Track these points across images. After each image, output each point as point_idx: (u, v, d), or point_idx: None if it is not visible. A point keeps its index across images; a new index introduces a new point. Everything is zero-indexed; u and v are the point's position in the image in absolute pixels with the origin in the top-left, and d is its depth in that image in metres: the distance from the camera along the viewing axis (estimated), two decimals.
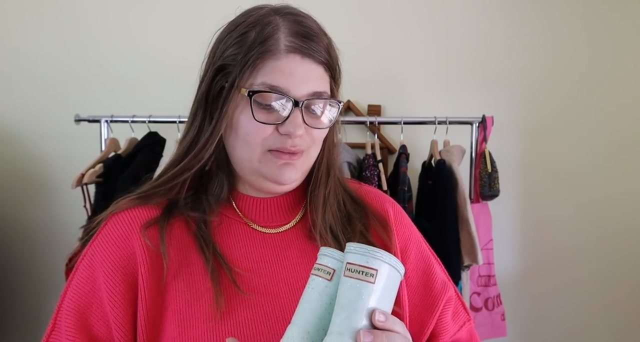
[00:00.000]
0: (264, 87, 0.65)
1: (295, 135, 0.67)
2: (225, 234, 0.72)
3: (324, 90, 0.69)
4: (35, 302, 1.98)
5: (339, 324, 0.51)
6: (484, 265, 1.69)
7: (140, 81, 1.94)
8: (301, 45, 0.66)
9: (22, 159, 1.97)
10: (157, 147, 1.68)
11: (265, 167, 0.69)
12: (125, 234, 0.69)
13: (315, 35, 0.68)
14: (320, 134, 0.71)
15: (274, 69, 0.66)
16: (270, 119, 0.67)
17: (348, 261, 0.53)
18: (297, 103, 0.66)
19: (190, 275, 0.67)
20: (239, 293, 0.66)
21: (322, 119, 0.70)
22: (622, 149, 1.96)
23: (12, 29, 1.94)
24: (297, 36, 0.67)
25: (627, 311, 1.98)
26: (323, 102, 0.69)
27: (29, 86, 1.95)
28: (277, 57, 0.66)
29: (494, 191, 1.66)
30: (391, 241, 0.76)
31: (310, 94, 0.67)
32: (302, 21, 0.69)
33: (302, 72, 0.66)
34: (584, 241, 1.97)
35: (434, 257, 0.83)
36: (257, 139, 0.68)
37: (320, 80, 0.68)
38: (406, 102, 1.95)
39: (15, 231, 1.96)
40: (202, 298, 0.65)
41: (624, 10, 1.93)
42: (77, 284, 0.68)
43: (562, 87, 1.95)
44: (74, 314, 0.66)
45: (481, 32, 1.94)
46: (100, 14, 1.94)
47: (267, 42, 0.66)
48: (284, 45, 0.66)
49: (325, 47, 0.69)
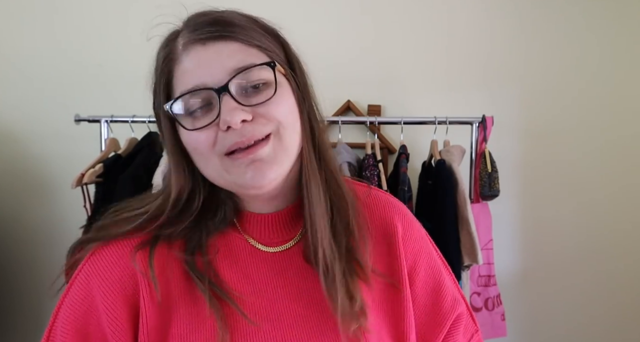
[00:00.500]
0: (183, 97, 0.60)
1: (234, 123, 0.57)
2: (223, 256, 0.68)
3: (250, 62, 0.59)
4: (35, 302, 1.98)
5: None
6: (484, 265, 1.69)
7: (140, 81, 1.92)
8: (198, 34, 0.59)
9: (22, 159, 1.97)
10: (157, 147, 1.68)
11: (234, 174, 0.61)
12: (125, 255, 0.65)
13: (216, 19, 0.61)
14: (276, 108, 0.60)
15: (183, 73, 0.60)
16: (204, 121, 0.59)
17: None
18: (221, 90, 0.58)
19: (192, 301, 0.63)
20: (241, 320, 0.62)
21: (265, 91, 0.60)
22: (622, 149, 1.96)
23: (11, 29, 1.94)
24: (197, 29, 0.60)
25: (627, 310, 1.98)
26: (255, 73, 0.59)
27: (29, 86, 1.95)
28: (179, 60, 0.60)
29: (494, 191, 1.66)
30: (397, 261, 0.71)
31: (230, 72, 0.58)
32: (203, 13, 0.63)
33: (208, 57, 0.59)
34: (584, 241, 1.97)
35: (446, 270, 0.78)
36: (206, 149, 0.60)
37: (240, 54, 0.59)
38: (406, 102, 1.94)
39: (15, 231, 1.96)
40: (205, 323, 0.62)
41: (626, 10, 1.93)
42: (72, 303, 0.64)
43: (563, 87, 1.95)
44: (71, 331, 0.63)
45: (481, 32, 1.94)
46: (99, 14, 1.94)
47: (167, 55, 0.61)
48: (182, 45, 0.60)
49: (237, 24, 0.61)
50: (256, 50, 0.61)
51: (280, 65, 0.63)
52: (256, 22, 0.64)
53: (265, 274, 0.67)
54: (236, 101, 0.58)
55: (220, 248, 0.68)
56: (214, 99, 0.58)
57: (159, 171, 1.56)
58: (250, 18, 0.64)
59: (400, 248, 0.72)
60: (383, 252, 0.72)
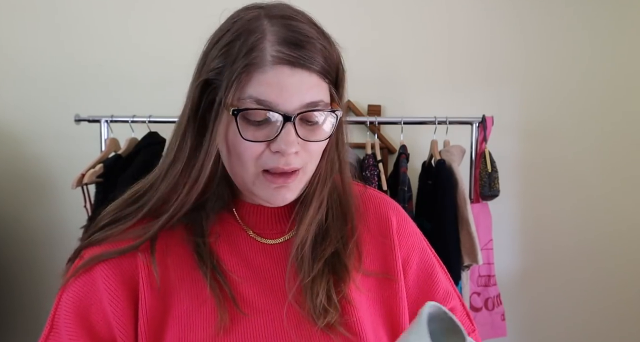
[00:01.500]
0: (250, 101, 0.60)
1: (287, 152, 0.61)
2: (224, 241, 0.70)
3: (320, 100, 0.62)
4: (35, 302, 1.98)
5: None
6: (484, 265, 1.69)
7: (140, 81, 1.94)
8: (289, 55, 0.60)
9: (22, 159, 1.97)
10: (157, 148, 1.68)
11: (258, 189, 0.65)
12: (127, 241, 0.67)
13: (307, 41, 0.62)
14: (318, 147, 0.66)
15: (261, 83, 0.60)
16: (260, 136, 0.61)
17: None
18: (289, 118, 0.60)
19: (192, 282, 0.66)
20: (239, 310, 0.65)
21: (320, 130, 0.64)
22: (622, 149, 1.96)
23: (11, 29, 1.94)
24: (286, 44, 0.60)
25: (627, 310, 1.98)
26: (319, 112, 0.63)
27: (29, 86, 1.95)
28: (263, 70, 0.60)
29: (494, 191, 1.66)
30: (392, 253, 0.74)
31: (302, 106, 0.61)
32: (292, 25, 0.62)
33: (292, 84, 0.60)
34: (583, 240, 1.98)
35: (439, 266, 0.81)
36: (249, 159, 0.63)
37: (314, 89, 0.62)
38: (406, 102, 1.95)
39: (15, 231, 1.96)
40: (204, 305, 0.65)
41: (626, 10, 1.93)
42: (75, 286, 0.66)
43: (562, 88, 1.95)
44: (74, 315, 0.64)
45: (481, 32, 1.94)
46: (100, 14, 1.94)
47: (251, 52, 0.60)
48: (271, 56, 0.60)
49: (321, 51, 0.63)
50: (326, 85, 0.64)
51: (337, 103, 0.66)
52: (327, 40, 0.65)
53: (263, 263, 0.70)
54: (296, 133, 0.61)
55: (220, 234, 0.70)
56: (278, 121, 0.61)
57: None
58: (323, 34, 0.65)
59: (395, 240, 0.75)
60: (378, 246, 0.75)
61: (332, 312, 0.65)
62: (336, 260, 0.70)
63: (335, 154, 0.71)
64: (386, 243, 0.75)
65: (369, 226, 0.75)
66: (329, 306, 0.66)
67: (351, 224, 0.73)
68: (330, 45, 0.66)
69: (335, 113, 0.65)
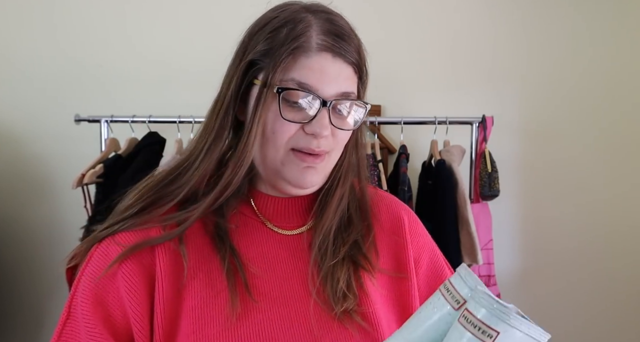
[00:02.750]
0: (293, 83, 0.65)
1: (321, 135, 0.66)
2: (242, 233, 0.72)
3: (352, 91, 0.68)
4: (35, 302, 1.98)
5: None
6: (484, 265, 1.69)
7: (140, 81, 1.94)
8: (332, 44, 0.66)
9: (22, 159, 1.97)
10: (157, 147, 1.68)
11: (287, 169, 0.68)
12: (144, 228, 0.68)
13: (347, 35, 0.68)
14: (345, 136, 0.70)
15: (304, 66, 0.65)
16: (297, 117, 0.66)
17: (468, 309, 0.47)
18: (325, 102, 0.65)
19: (207, 273, 0.67)
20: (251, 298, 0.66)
21: (348, 120, 0.69)
22: (622, 149, 1.95)
23: (12, 30, 1.95)
24: (329, 35, 0.66)
25: (627, 310, 1.98)
26: (350, 103, 0.68)
27: (29, 86, 1.95)
28: (308, 54, 0.65)
29: (494, 191, 1.66)
30: (404, 252, 0.76)
31: (338, 94, 0.66)
32: (334, 20, 0.69)
33: (333, 71, 0.66)
34: (584, 240, 1.97)
35: (447, 267, 0.83)
36: (282, 137, 0.67)
37: (349, 81, 0.68)
38: (406, 102, 1.94)
39: (15, 231, 1.96)
40: (218, 296, 0.65)
41: (627, 10, 1.93)
42: (92, 272, 0.67)
43: (563, 87, 1.95)
44: (91, 302, 0.65)
45: (481, 32, 1.94)
46: (99, 14, 1.94)
47: (298, 38, 0.65)
48: (316, 43, 0.65)
49: (356, 47, 0.69)
50: (357, 79, 0.70)
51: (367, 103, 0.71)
52: (359, 41, 0.71)
53: (279, 253, 0.71)
54: (330, 119, 0.66)
55: (238, 226, 0.72)
56: (315, 105, 0.65)
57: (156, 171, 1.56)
58: (356, 35, 0.71)
59: (407, 239, 0.78)
60: (392, 245, 0.77)
61: (350, 299, 0.67)
62: (356, 250, 0.72)
63: (354, 151, 0.76)
64: (399, 242, 0.77)
65: (382, 224, 0.78)
66: (349, 292, 0.68)
67: (368, 221, 0.76)
68: (361, 44, 0.72)
69: (365, 105, 0.70)
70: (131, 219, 0.68)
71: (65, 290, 1.58)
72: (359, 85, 0.71)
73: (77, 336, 0.64)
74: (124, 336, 0.64)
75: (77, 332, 0.64)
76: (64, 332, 0.65)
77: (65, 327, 0.66)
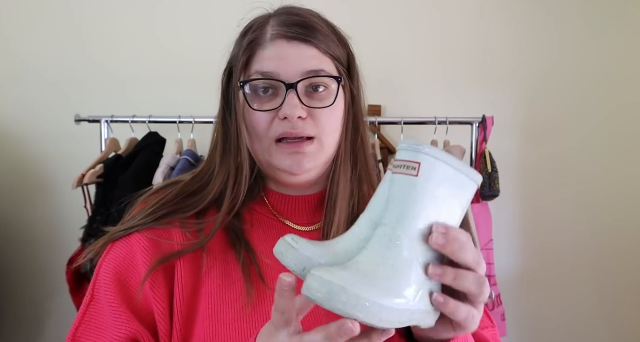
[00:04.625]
0: (256, 75, 0.67)
1: (292, 116, 0.66)
2: (256, 227, 0.73)
3: (321, 69, 0.68)
4: (35, 302, 1.98)
5: (388, 217, 0.49)
6: None
7: (140, 81, 1.94)
8: (287, 30, 0.68)
9: (22, 159, 1.97)
10: (157, 147, 1.68)
11: (275, 159, 0.69)
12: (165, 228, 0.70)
13: (304, 21, 0.69)
14: (327, 118, 0.69)
15: (263, 58, 0.68)
16: (267, 106, 0.68)
17: (394, 158, 0.50)
18: (291, 85, 0.66)
19: (224, 263, 0.69)
20: (266, 286, 0.68)
21: (324, 99, 0.69)
22: (622, 148, 1.95)
23: (12, 30, 1.95)
24: (284, 24, 0.68)
25: (627, 310, 1.98)
26: (322, 80, 0.68)
27: (29, 86, 1.95)
28: (264, 46, 0.68)
29: (494, 191, 1.66)
30: None
31: (303, 73, 0.67)
32: (292, 11, 0.71)
33: (291, 53, 0.67)
34: (583, 240, 1.97)
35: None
36: (261, 129, 0.68)
37: (314, 60, 0.68)
38: (406, 102, 1.95)
39: (15, 231, 1.96)
40: (234, 285, 0.67)
41: (623, 8, 1.93)
42: (115, 258, 0.69)
43: (562, 87, 1.95)
44: (114, 284, 0.67)
45: (481, 32, 1.94)
46: (100, 14, 1.94)
47: (254, 34, 0.69)
48: (270, 34, 0.68)
49: (319, 30, 0.69)
50: (329, 58, 0.70)
51: (344, 78, 0.71)
52: (334, 30, 0.73)
53: None
54: (299, 99, 0.67)
55: (253, 221, 0.74)
56: (282, 90, 0.67)
57: (159, 171, 1.56)
58: (330, 25, 0.73)
59: None
60: None
61: None
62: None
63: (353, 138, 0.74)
64: None
65: None
66: None
67: None
68: (333, 29, 0.72)
69: (337, 79, 0.69)
70: (151, 223, 0.70)
71: (65, 290, 1.58)
72: (339, 67, 0.71)
73: (101, 316, 0.66)
74: (145, 317, 0.66)
75: (100, 313, 0.66)
76: (86, 313, 0.67)
77: (88, 309, 0.68)
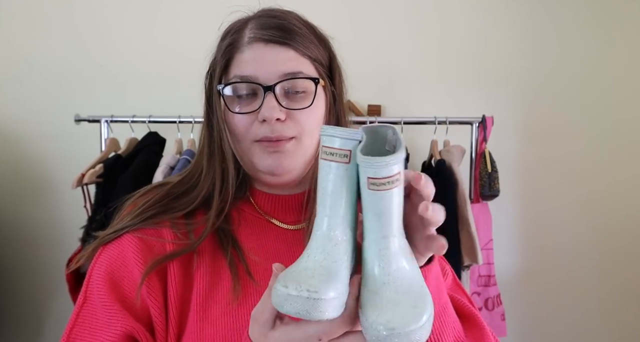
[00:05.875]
0: (235, 79, 0.68)
1: (271, 119, 0.66)
2: (244, 227, 0.74)
3: (299, 71, 0.68)
4: (36, 302, 1.98)
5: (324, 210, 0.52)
6: (484, 265, 1.69)
7: (140, 81, 1.94)
8: (263, 33, 0.68)
9: (22, 159, 1.97)
10: (157, 147, 1.68)
11: (257, 159, 0.70)
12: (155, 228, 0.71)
13: (282, 24, 0.69)
14: (306, 118, 0.69)
15: (241, 61, 0.68)
16: (246, 109, 0.68)
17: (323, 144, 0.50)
18: (268, 87, 0.67)
19: (212, 261, 0.69)
20: (253, 282, 0.68)
21: (303, 100, 0.69)
22: (622, 148, 1.95)
23: (12, 30, 1.95)
24: (261, 27, 0.69)
25: (626, 310, 1.98)
26: (301, 82, 0.68)
27: (29, 86, 1.95)
28: (241, 50, 0.69)
29: (494, 191, 1.66)
30: None
31: (280, 75, 0.67)
32: (270, 14, 0.71)
33: (268, 56, 0.67)
34: (584, 240, 1.97)
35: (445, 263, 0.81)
36: (240, 130, 0.69)
37: (292, 62, 0.68)
38: (406, 102, 1.94)
39: (15, 231, 1.96)
40: (222, 283, 0.67)
41: (623, 8, 1.93)
42: (106, 259, 0.69)
43: (562, 87, 1.95)
44: (106, 284, 0.67)
45: (481, 33, 1.94)
46: (100, 14, 1.94)
47: (232, 37, 0.70)
48: (247, 37, 0.69)
49: (297, 32, 0.69)
50: (307, 60, 0.70)
51: (323, 79, 0.71)
52: (314, 31, 0.73)
53: (278, 247, 0.73)
54: (277, 101, 0.67)
55: (240, 220, 0.75)
56: (260, 92, 0.67)
57: (159, 171, 1.56)
58: (309, 26, 0.73)
59: None
60: None
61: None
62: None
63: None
64: None
65: None
66: None
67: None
68: (312, 30, 0.72)
69: (314, 81, 0.69)
70: (140, 224, 0.70)
71: (65, 290, 1.58)
72: (319, 69, 0.71)
73: (94, 316, 0.66)
74: (141, 314, 0.66)
75: (94, 313, 0.66)
76: (80, 315, 0.67)
77: (82, 310, 0.67)
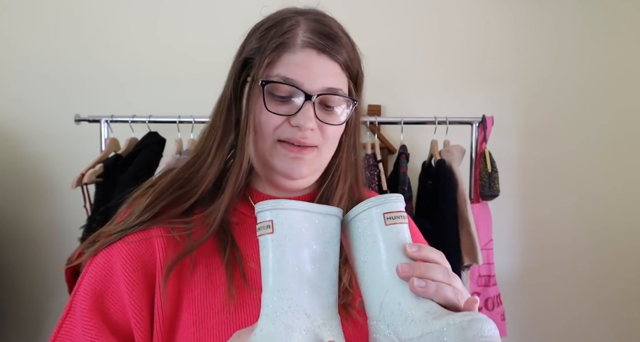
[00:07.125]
0: (278, 79, 0.67)
1: (305, 128, 0.68)
2: (241, 229, 0.73)
3: (340, 88, 0.70)
4: (36, 302, 1.98)
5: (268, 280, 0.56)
6: (484, 265, 1.69)
7: (140, 81, 1.94)
8: (318, 42, 0.68)
9: (22, 159, 1.97)
10: (157, 147, 1.68)
11: (276, 159, 0.70)
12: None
13: (334, 35, 0.70)
14: (333, 132, 0.71)
15: (289, 62, 0.68)
16: (282, 110, 0.68)
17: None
18: (310, 97, 0.67)
19: (208, 266, 0.69)
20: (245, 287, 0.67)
21: (335, 117, 0.71)
22: (621, 148, 1.96)
23: (12, 30, 1.95)
24: (315, 33, 0.69)
25: (626, 310, 1.98)
26: (337, 99, 0.70)
27: (29, 86, 1.95)
28: (293, 50, 0.68)
29: (494, 191, 1.66)
30: None
31: (324, 89, 0.68)
32: (322, 20, 0.71)
33: (317, 66, 0.68)
34: (583, 240, 1.97)
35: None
36: (268, 128, 0.69)
37: (336, 77, 0.69)
38: (406, 102, 1.95)
39: (15, 231, 1.96)
40: (218, 289, 0.67)
41: (623, 8, 1.93)
42: (94, 270, 0.69)
43: (563, 87, 1.95)
44: (89, 297, 0.67)
45: (481, 32, 1.94)
46: (100, 14, 1.94)
47: (284, 36, 0.68)
48: (301, 40, 0.68)
49: (345, 47, 0.70)
50: (346, 77, 0.72)
51: (355, 100, 0.73)
52: (354, 48, 0.74)
53: None
54: (314, 112, 0.68)
55: (238, 223, 0.74)
56: (298, 98, 0.68)
57: (159, 171, 1.56)
58: (352, 42, 0.74)
59: None
60: None
61: (351, 294, 0.69)
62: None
63: (353, 153, 0.78)
64: None
65: None
66: (350, 287, 0.69)
67: None
68: (353, 47, 0.74)
69: (354, 102, 0.72)
70: (147, 223, 0.69)
71: (65, 290, 1.58)
72: (350, 85, 0.72)
73: (73, 330, 0.66)
74: (122, 330, 0.66)
75: (73, 327, 0.66)
76: (62, 327, 0.67)
77: (64, 322, 0.68)
